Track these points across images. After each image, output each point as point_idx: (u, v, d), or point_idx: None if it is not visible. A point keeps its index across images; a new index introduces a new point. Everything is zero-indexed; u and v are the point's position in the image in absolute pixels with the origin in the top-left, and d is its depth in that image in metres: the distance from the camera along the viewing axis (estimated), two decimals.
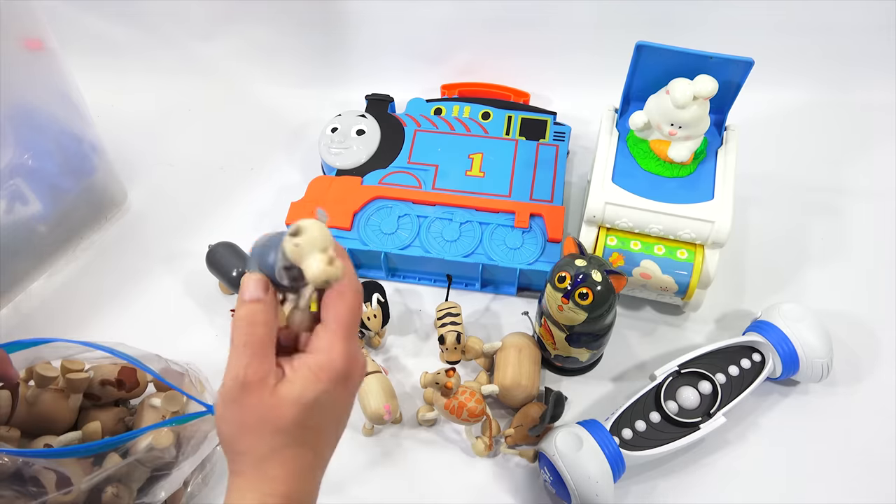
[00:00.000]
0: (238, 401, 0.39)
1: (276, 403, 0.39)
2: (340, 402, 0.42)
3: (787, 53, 0.89)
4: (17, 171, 0.72)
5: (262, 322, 0.40)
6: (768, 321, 0.68)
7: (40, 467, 0.54)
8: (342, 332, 0.41)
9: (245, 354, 0.39)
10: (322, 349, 0.40)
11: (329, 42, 0.95)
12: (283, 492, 0.40)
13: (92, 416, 0.61)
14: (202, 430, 0.61)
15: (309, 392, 0.40)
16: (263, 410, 0.39)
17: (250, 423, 0.40)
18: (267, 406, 0.39)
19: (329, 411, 0.41)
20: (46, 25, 0.69)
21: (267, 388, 0.39)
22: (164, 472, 0.59)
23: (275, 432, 0.40)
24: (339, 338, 0.41)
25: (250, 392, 0.39)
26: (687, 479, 0.66)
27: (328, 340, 0.40)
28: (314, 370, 0.40)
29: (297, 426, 0.40)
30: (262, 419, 0.39)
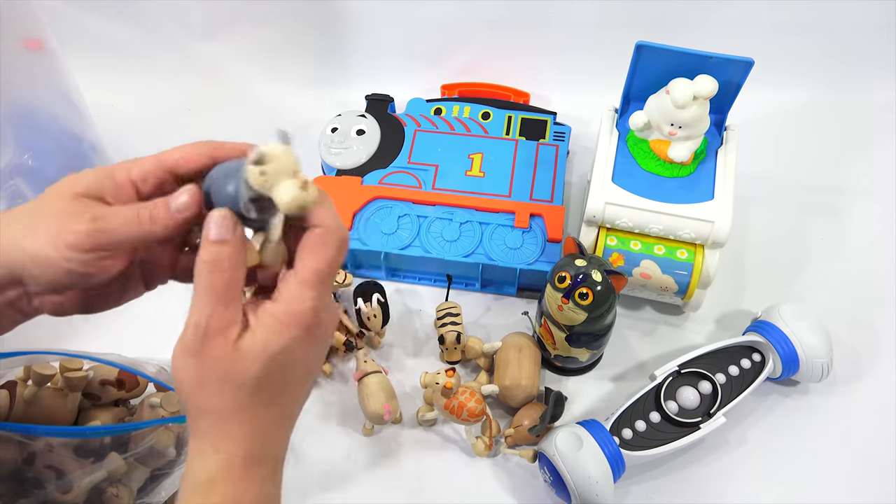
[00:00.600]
0: (198, 353, 0.36)
1: (238, 357, 0.36)
2: (309, 355, 0.39)
3: (787, 53, 0.89)
4: (17, 171, 0.72)
5: (228, 266, 0.36)
6: (768, 321, 0.68)
7: (41, 466, 0.54)
8: (315, 281, 0.37)
9: (208, 302, 0.36)
10: (290, 298, 0.37)
11: (329, 42, 0.95)
12: (247, 451, 0.37)
13: (92, 415, 0.61)
14: None
15: (273, 344, 0.36)
16: (225, 364, 0.36)
17: (211, 377, 0.36)
18: (229, 360, 0.36)
19: (296, 364, 0.38)
20: (46, 25, 0.69)
21: (229, 340, 0.36)
22: (164, 471, 0.59)
23: (237, 388, 0.37)
24: (310, 286, 0.37)
25: (211, 343, 0.36)
26: (687, 479, 0.66)
27: (297, 289, 0.37)
28: (281, 319, 0.37)
29: (262, 381, 0.37)
30: (224, 373, 0.36)
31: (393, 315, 0.75)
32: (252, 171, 0.35)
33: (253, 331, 0.37)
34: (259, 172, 0.34)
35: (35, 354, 0.59)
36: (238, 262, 0.37)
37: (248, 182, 0.35)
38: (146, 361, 0.63)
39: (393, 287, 0.79)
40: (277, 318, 0.37)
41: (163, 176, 0.40)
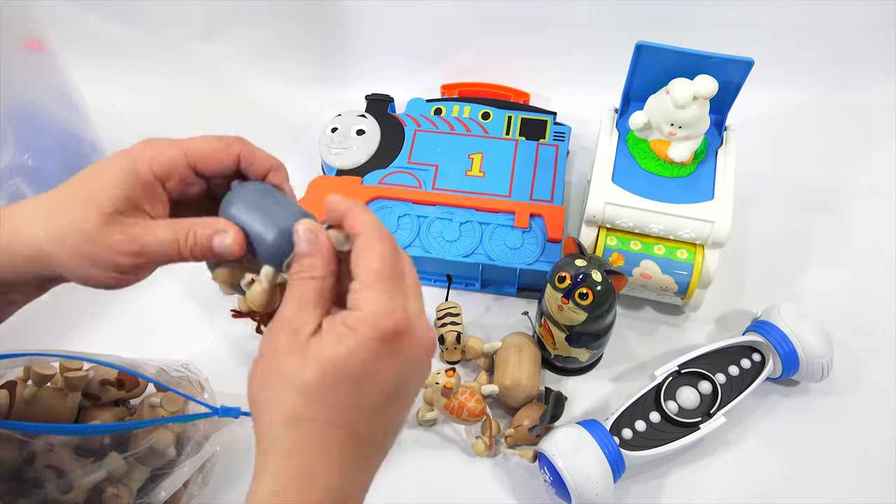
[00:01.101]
0: (264, 353, 0.35)
1: (301, 359, 0.34)
2: (387, 371, 0.35)
3: (787, 53, 0.89)
4: (17, 171, 0.72)
5: (309, 275, 0.36)
6: (768, 321, 0.68)
7: (41, 466, 0.53)
8: (379, 284, 0.35)
9: (285, 306, 0.36)
10: (357, 303, 0.35)
11: (329, 42, 0.95)
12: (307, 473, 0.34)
13: (92, 415, 0.61)
14: (202, 430, 0.61)
15: (338, 348, 0.34)
16: (285, 363, 0.34)
17: (270, 375, 0.35)
18: (291, 360, 0.34)
19: (371, 381, 0.35)
20: (46, 25, 0.69)
21: (299, 340, 0.35)
22: (164, 471, 0.59)
23: (296, 392, 0.34)
24: (376, 290, 0.35)
25: (279, 341, 0.35)
26: (687, 479, 0.66)
27: (363, 294, 0.35)
28: (347, 324, 0.35)
29: (326, 391, 0.34)
30: (281, 372, 0.34)
31: None
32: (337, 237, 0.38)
33: (320, 335, 0.35)
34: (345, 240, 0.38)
35: (35, 356, 0.59)
36: (322, 271, 0.37)
37: None
38: (145, 362, 0.63)
39: None
40: (347, 324, 0.35)
41: (186, 173, 0.40)
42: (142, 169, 0.39)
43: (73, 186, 0.38)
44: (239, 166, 0.41)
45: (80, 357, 0.59)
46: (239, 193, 0.40)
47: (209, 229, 0.39)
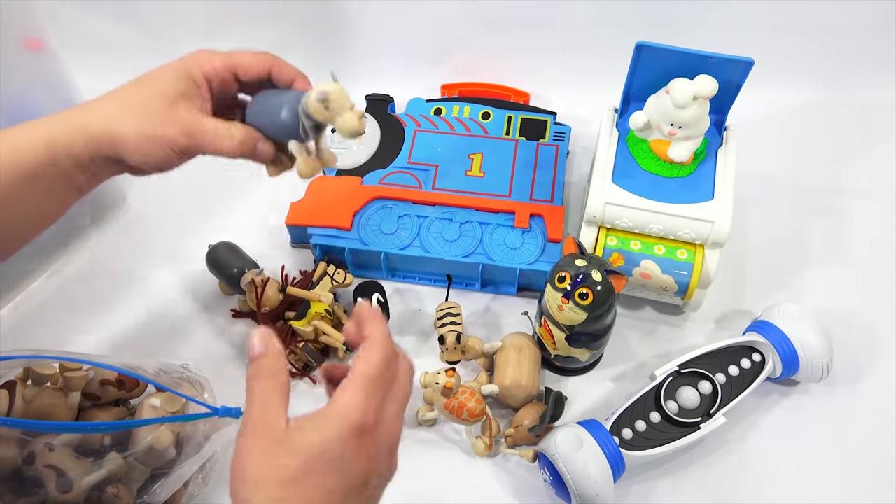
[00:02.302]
0: (244, 450, 0.38)
1: (281, 451, 0.37)
2: (359, 465, 0.39)
3: (787, 53, 0.89)
4: None
5: (267, 374, 0.40)
6: (768, 321, 0.68)
7: (41, 466, 0.53)
8: (361, 382, 0.40)
9: (254, 405, 0.39)
10: (337, 398, 0.39)
11: (329, 42, 0.95)
12: None
13: (92, 415, 0.61)
14: (202, 430, 0.61)
15: (316, 438, 0.38)
16: (268, 457, 0.37)
17: (251, 471, 0.37)
18: (271, 453, 0.37)
19: (345, 473, 0.38)
20: (46, 25, 0.69)
21: (274, 436, 0.38)
22: (164, 471, 0.59)
23: (278, 484, 0.37)
24: (358, 387, 0.39)
25: (255, 438, 0.38)
26: (687, 479, 0.66)
27: (349, 390, 0.39)
28: (327, 416, 0.39)
29: (303, 481, 0.37)
30: (264, 467, 0.37)
31: (393, 315, 0.75)
32: (318, 107, 0.47)
33: (301, 427, 0.38)
34: (325, 108, 0.47)
35: (34, 358, 0.59)
36: (278, 370, 0.40)
37: (308, 113, 0.47)
38: (146, 363, 0.63)
39: (393, 287, 0.79)
40: (324, 414, 0.39)
41: (228, 77, 0.51)
42: (193, 70, 0.50)
43: (140, 83, 0.51)
44: (270, 75, 0.52)
45: (80, 360, 0.59)
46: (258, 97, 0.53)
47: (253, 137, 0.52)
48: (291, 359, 0.72)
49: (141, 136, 0.48)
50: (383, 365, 0.41)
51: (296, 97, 0.49)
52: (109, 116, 0.49)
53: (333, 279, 0.74)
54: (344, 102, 0.47)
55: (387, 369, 0.41)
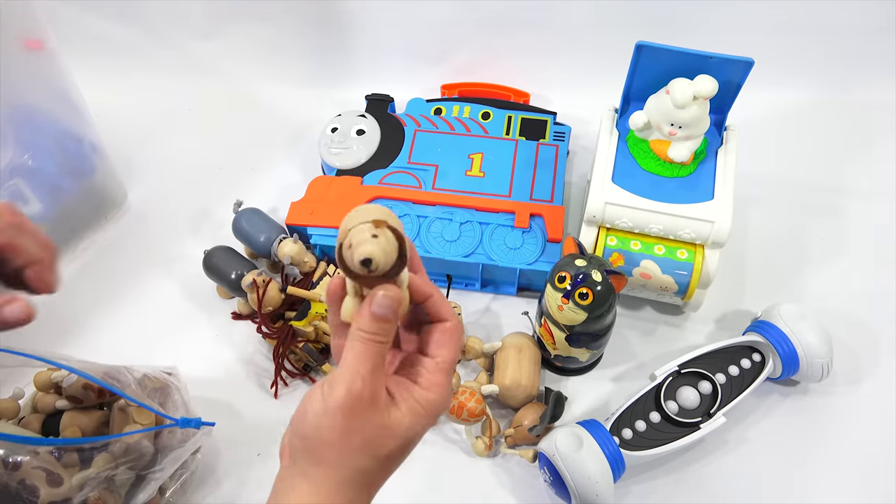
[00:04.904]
0: (350, 413, 0.37)
1: (386, 431, 0.38)
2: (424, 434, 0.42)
3: (787, 53, 0.89)
4: (17, 171, 0.72)
5: (385, 340, 0.39)
6: (768, 321, 0.68)
7: (29, 468, 0.53)
8: (450, 370, 0.41)
9: (363, 367, 0.38)
10: (431, 385, 0.40)
11: (329, 42, 0.95)
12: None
13: (73, 418, 0.61)
14: (179, 437, 0.61)
15: (416, 427, 0.39)
16: (373, 433, 0.38)
17: (357, 440, 0.38)
18: (378, 430, 0.38)
19: (416, 443, 0.41)
20: (46, 25, 0.69)
21: (378, 410, 0.38)
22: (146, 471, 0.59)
23: (375, 458, 0.38)
24: (446, 374, 0.41)
25: (362, 408, 0.38)
26: (687, 479, 0.66)
27: (438, 378, 0.40)
28: (423, 405, 0.39)
29: (395, 456, 0.39)
30: (368, 442, 0.38)
31: None
32: None
33: (399, 409, 0.39)
34: None
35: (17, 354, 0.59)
36: (391, 337, 0.39)
37: None
38: (131, 367, 0.63)
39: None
40: (420, 403, 0.39)
41: None
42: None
43: None
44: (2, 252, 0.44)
45: (63, 365, 0.59)
46: None
47: None
48: (291, 359, 0.72)
49: None
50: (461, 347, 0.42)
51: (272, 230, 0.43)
52: None
53: None
54: None
55: None
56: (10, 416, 0.61)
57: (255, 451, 0.69)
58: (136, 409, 0.60)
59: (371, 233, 0.37)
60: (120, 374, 0.61)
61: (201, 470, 0.66)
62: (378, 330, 0.38)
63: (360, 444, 0.38)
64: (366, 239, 0.37)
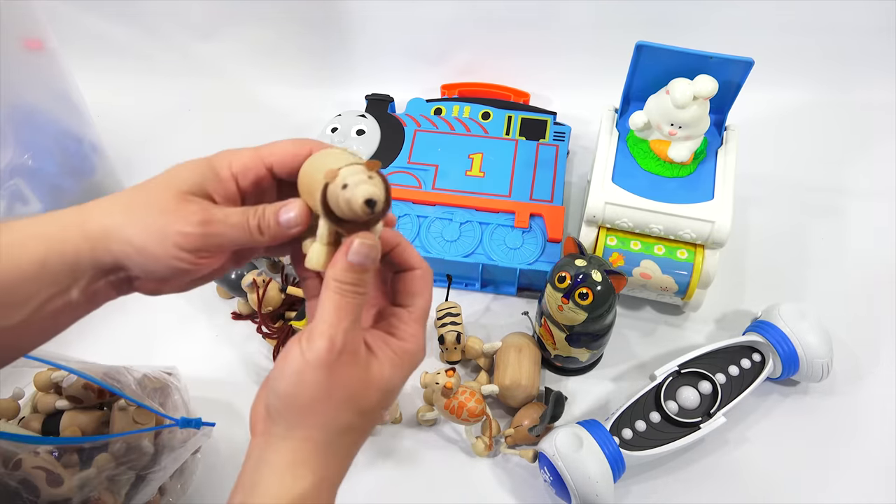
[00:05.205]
0: (331, 368, 0.36)
1: (367, 383, 0.37)
2: (403, 385, 0.41)
3: (787, 53, 0.89)
4: (17, 171, 0.72)
5: (364, 291, 0.37)
6: (768, 321, 0.68)
7: (29, 468, 0.53)
8: (424, 318, 0.40)
9: (342, 319, 0.36)
10: (408, 336, 0.39)
11: (329, 42, 0.95)
12: (337, 478, 0.38)
13: (73, 417, 0.61)
14: (179, 437, 0.61)
15: (396, 379, 0.39)
16: (354, 386, 0.37)
17: (337, 395, 0.37)
18: (359, 383, 0.37)
19: (395, 395, 0.40)
20: (46, 25, 0.69)
21: (359, 363, 0.37)
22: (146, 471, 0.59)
23: (358, 413, 0.38)
24: (421, 324, 0.40)
25: (343, 362, 0.36)
26: (687, 479, 0.66)
27: (414, 328, 0.40)
28: (400, 356, 0.39)
29: (375, 409, 0.38)
30: (351, 396, 0.37)
31: None
32: None
33: (380, 362, 0.38)
34: None
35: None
36: (370, 287, 0.38)
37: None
38: (131, 368, 0.63)
39: None
40: (398, 354, 0.39)
41: (261, 171, 0.40)
42: (218, 165, 0.40)
43: (151, 179, 0.39)
44: None
45: (63, 366, 0.59)
46: None
47: (275, 206, 0.39)
48: None
49: (145, 230, 0.37)
50: None
51: None
52: (109, 211, 0.38)
53: None
54: None
55: None
56: (10, 416, 0.61)
57: None
58: (136, 409, 0.60)
59: (367, 174, 0.35)
60: (120, 375, 0.61)
61: (201, 470, 0.66)
62: (356, 280, 0.36)
63: (343, 397, 0.37)
64: (364, 180, 0.35)
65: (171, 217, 0.37)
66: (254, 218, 0.38)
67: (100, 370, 0.61)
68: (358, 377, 0.37)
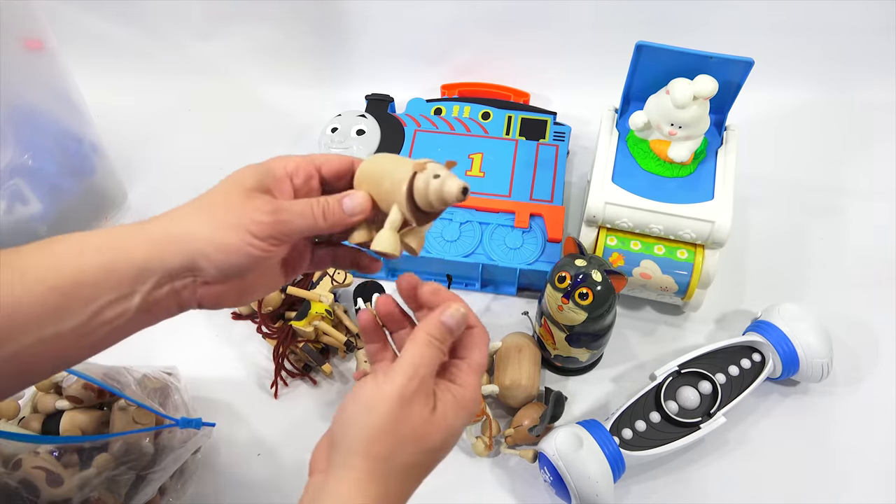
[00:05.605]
0: (401, 402, 0.40)
1: (430, 424, 0.40)
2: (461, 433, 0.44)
3: (787, 53, 0.89)
4: (17, 171, 0.72)
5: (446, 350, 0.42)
6: (768, 321, 0.68)
7: (29, 468, 0.53)
8: (481, 371, 0.44)
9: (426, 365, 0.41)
10: (466, 384, 0.43)
11: (329, 42, 0.95)
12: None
13: (73, 417, 0.61)
14: (179, 437, 0.61)
15: (457, 422, 0.42)
16: (419, 424, 0.40)
17: (404, 430, 0.40)
18: (423, 422, 0.40)
19: (454, 441, 0.43)
20: (46, 25, 0.69)
21: (427, 405, 0.41)
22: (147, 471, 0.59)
23: (420, 451, 0.40)
24: (478, 375, 0.44)
25: (414, 401, 0.40)
26: (687, 479, 0.66)
27: (473, 379, 0.43)
28: (460, 402, 0.42)
29: (438, 452, 0.41)
30: (415, 432, 0.40)
31: None
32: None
33: (442, 404, 0.42)
34: None
35: None
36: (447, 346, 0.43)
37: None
38: (130, 368, 0.63)
39: (393, 287, 0.78)
40: (458, 400, 0.42)
41: (311, 171, 0.45)
42: (274, 166, 0.44)
43: (214, 187, 0.44)
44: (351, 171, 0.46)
45: None
46: None
47: (338, 196, 0.43)
48: (291, 359, 0.72)
49: (222, 225, 0.41)
50: None
51: None
52: (179, 218, 0.42)
53: (333, 279, 0.74)
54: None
55: None
56: (10, 416, 0.61)
57: (255, 451, 0.69)
58: (136, 409, 0.60)
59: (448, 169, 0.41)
60: (120, 375, 0.61)
61: (201, 470, 0.66)
62: (443, 337, 0.42)
63: (408, 434, 0.40)
64: (450, 174, 0.40)
65: (244, 210, 0.41)
66: (318, 206, 0.42)
67: (100, 370, 0.61)
68: (424, 417, 0.40)
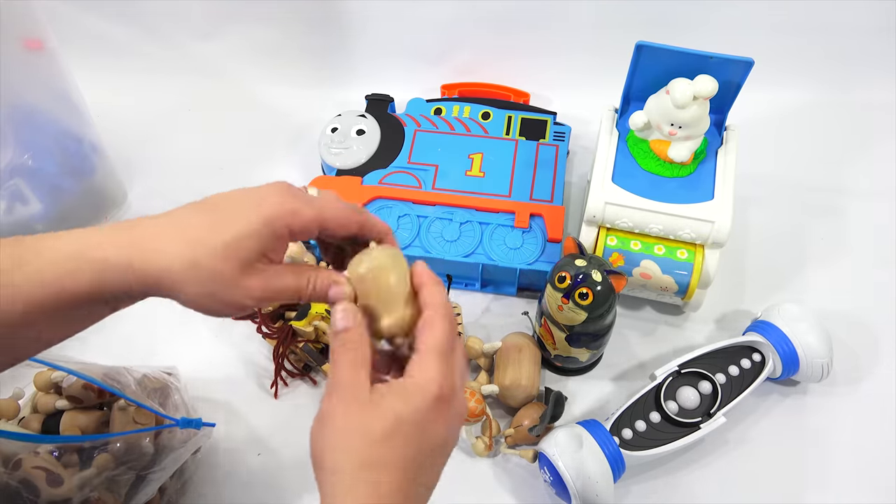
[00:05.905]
0: (331, 414, 0.39)
1: (369, 413, 0.39)
2: (435, 430, 0.41)
3: (787, 53, 0.89)
4: (17, 171, 0.72)
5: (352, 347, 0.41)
6: (768, 321, 0.68)
7: (29, 468, 0.53)
8: (438, 356, 0.41)
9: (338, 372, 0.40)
10: (413, 371, 0.41)
11: (329, 42, 0.95)
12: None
13: (73, 417, 0.61)
14: (179, 437, 0.61)
15: (401, 407, 0.39)
16: (355, 418, 0.39)
17: (341, 432, 0.39)
18: (359, 413, 0.39)
19: (430, 438, 0.41)
20: (46, 25, 0.69)
21: (359, 397, 0.40)
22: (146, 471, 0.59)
23: (367, 442, 0.39)
24: (435, 361, 0.41)
25: (342, 399, 0.39)
26: (687, 479, 0.66)
27: (425, 363, 0.41)
28: (407, 388, 0.40)
29: (393, 442, 0.39)
30: (354, 426, 0.39)
31: None
32: None
33: (382, 394, 0.40)
34: None
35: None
36: (361, 342, 0.41)
37: None
38: (130, 368, 0.63)
39: None
40: (404, 385, 0.40)
41: (314, 233, 0.44)
42: (278, 227, 0.42)
43: (213, 226, 0.42)
44: (357, 231, 0.45)
45: (62, 367, 0.59)
46: None
47: (327, 280, 0.44)
48: (291, 359, 0.72)
49: (210, 297, 0.43)
50: (447, 336, 0.42)
51: None
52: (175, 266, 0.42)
53: None
54: None
55: (449, 339, 0.42)
56: (10, 416, 0.61)
57: (255, 451, 0.69)
58: (136, 409, 0.60)
59: None
60: (120, 375, 0.61)
61: (201, 470, 0.66)
62: (343, 342, 0.41)
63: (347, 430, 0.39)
64: None
65: (237, 289, 0.42)
66: (307, 289, 0.43)
67: (100, 370, 0.61)
68: (359, 409, 0.39)
